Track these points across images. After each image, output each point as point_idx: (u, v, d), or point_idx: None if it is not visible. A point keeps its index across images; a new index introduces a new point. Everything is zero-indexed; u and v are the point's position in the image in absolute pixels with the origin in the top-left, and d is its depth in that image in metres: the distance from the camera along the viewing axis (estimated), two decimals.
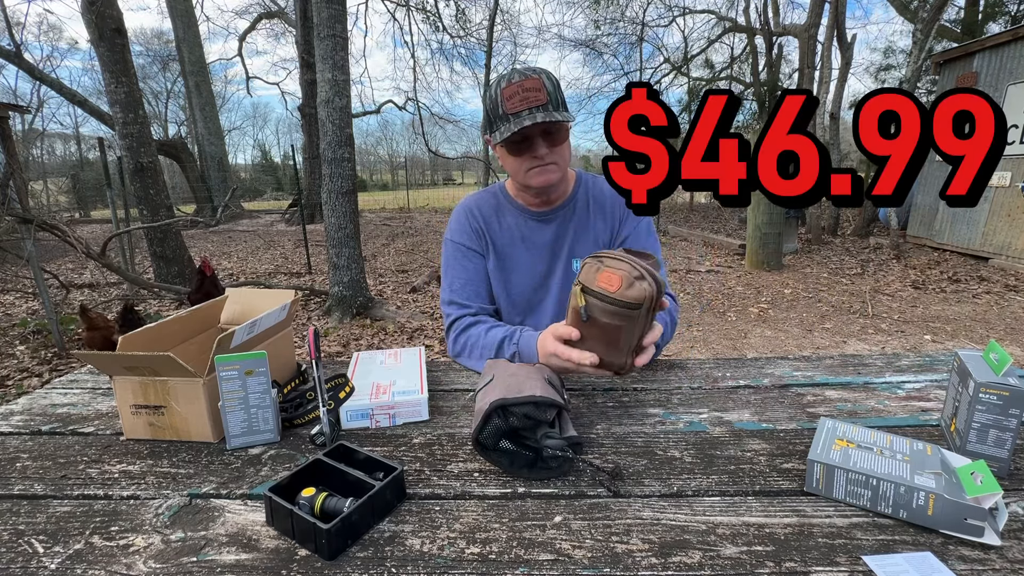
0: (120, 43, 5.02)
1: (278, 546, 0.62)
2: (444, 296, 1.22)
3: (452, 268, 1.22)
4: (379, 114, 18.45)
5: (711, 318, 4.52)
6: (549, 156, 1.07)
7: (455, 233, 1.23)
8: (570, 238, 1.20)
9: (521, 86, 1.01)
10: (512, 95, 1.01)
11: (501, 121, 1.04)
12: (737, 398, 0.98)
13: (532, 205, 1.20)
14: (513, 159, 1.09)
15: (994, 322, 4.23)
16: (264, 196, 24.67)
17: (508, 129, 1.01)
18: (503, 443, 0.75)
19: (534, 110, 1.00)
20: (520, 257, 1.21)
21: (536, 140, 1.05)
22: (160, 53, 22.60)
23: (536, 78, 1.02)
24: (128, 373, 0.85)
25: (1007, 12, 9.66)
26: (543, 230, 1.20)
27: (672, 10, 13.86)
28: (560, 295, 1.21)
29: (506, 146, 1.07)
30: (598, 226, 1.21)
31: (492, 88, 1.06)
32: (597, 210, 1.21)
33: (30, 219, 3.79)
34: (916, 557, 0.58)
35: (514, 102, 1.01)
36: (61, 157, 25.19)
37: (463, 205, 1.25)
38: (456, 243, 1.22)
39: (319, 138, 4.25)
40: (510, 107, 1.01)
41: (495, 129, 1.07)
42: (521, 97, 1.01)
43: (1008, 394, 0.69)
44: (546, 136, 1.05)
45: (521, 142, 1.06)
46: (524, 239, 1.20)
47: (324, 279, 5.96)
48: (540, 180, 1.09)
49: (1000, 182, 6.27)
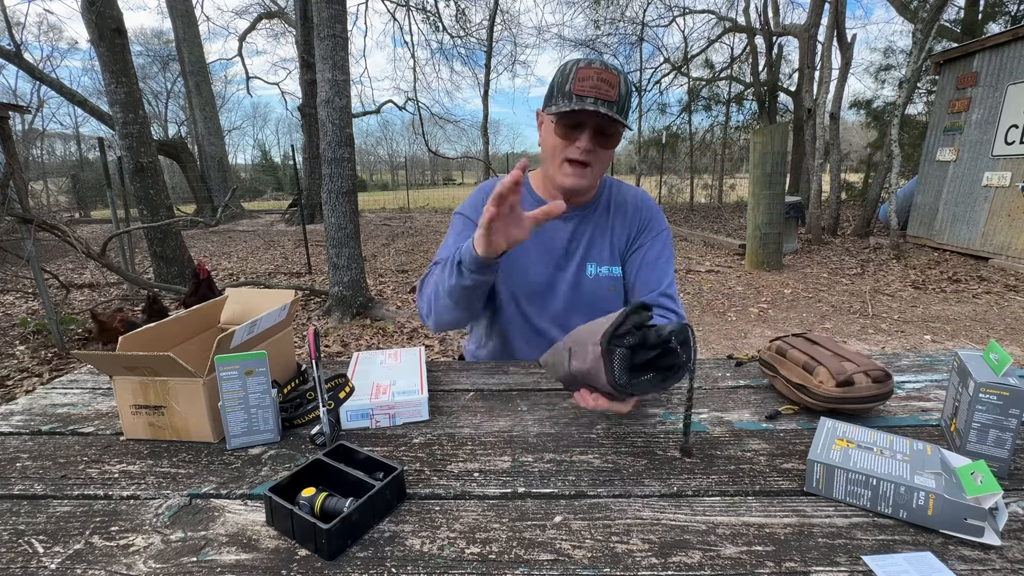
0: (120, 43, 5.02)
1: (278, 546, 0.62)
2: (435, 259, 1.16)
3: (450, 237, 1.17)
4: (379, 114, 18.46)
5: (711, 318, 4.52)
6: (590, 155, 1.03)
7: (467, 208, 1.19)
8: (586, 240, 1.17)
9: (599, 74, 0.97)
10: (587, 77, 0.97)
11: (564, 97, 1.00)
12: (737, 398, 0.98)
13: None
14: (556, 140, 1.04)
15: (994, 322, 4.23)
16: (264, 196, 24.69)
17: (567, 106, 0.97)
18: (633, 380, 0.74)
19: (600, 101, 0.97)
20: (531, 252, 1.17)
21: (588, 131, 1.01)
22: (160, 53, 22.61)
23: (615, 75, 0.99)
24: (128, 373, 0.85)
25: (1007, 12, 9.65)
26: (560, 229, 1.17)
27: (672, 10, 13.87)
28: (568, 297, 1.18)
29: (558, 123, 1.03)
30: (616, 229, 1.18)
31: (567, 65, 1.02)
32: (618, 214, 1.19)
33: (30, 219, 3.79)
34: (916, 557, 0.58)
35: (585, 85, 0.97)
36: (61, 157, 25.21)
37: (483, 186, 1.22)
38: (465, 216, 1.18)
39: (319, 138, 4.25)
40: (579, 88, 0.98)
41: (554, 102, 1.02)
42: (594, 84, 0.97)
43: (1008, 394, 0.69)
44: (598, 133, 1.02)
45: (575, 126, 1.01)
46: (539, 233, 1.16)
47: (324, 279, 5.96)
48: (571, 181, 1.05)
49: (1000, 182, 6.27)
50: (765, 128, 6.24)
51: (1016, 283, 5.35)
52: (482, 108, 11.93)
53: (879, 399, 0.85)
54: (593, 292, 1.17)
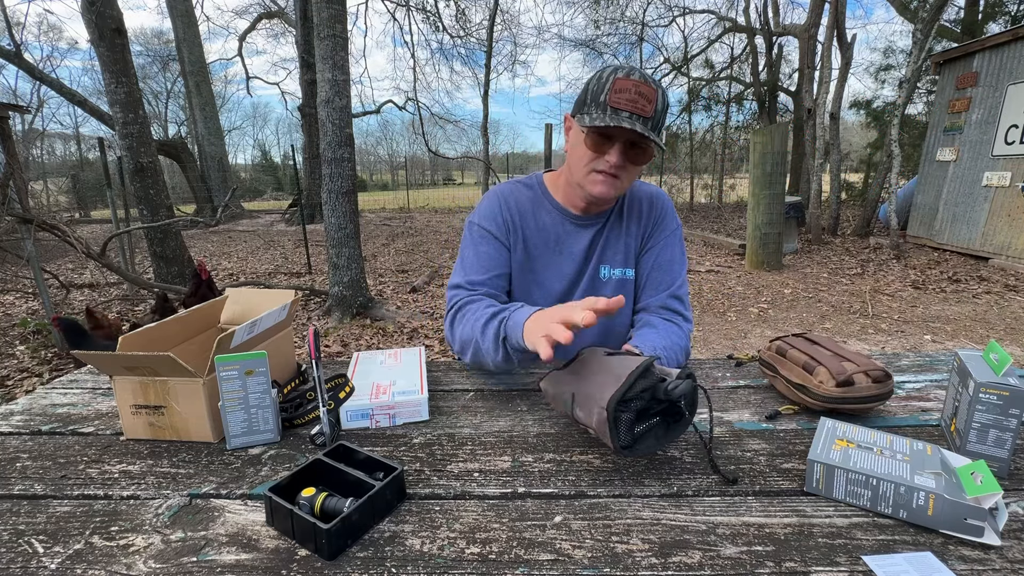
0: (120, 43, 5.01)
1: (278, 546, 0.62)
2: (453, 280, 1.13)
3: (469, 251, 1.14)
4: (379, 114, 18.42)
5: (711, 318, 4.52)
6: (620, 169, 1.00)
7: (483, 218, 1.14)
8: (602, 244, 1.15)
9: (638, 88, 0.93)
10: (624, 89, 0.93)
11: (598, 108, 0.96)
12: (737, 398, 0.98)
13: (575, 208, 1.13)
14: (585, 151, 1.01)
15: (994, 322, 4.23)
16: (264, 196, 24.67)
17: (602, 119, 0.94)
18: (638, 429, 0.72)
19: (635, 117, 0.94)
20: (551, 261, 1.15)
21: (620, 146, 0.98)
22: (160, 53, 22.60)
23: (654, 89, 0.95)
24: (128, 373, 0.85)
25: (1007, 12, 9.65)
26: (580, 235, 1.14)
27: (672, 10, 13.86)
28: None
29: (590, 134, 0.99)
30: (631, 231, 1.16)
31: (605, 72, 0.97)
32: (631, 215, 1.16)
33: (30, 219, 3.79)
34: (916, 557, 0.58)
35: (622, 97, 0.93)
36: (61, 157, 25.20)
37: (498, 191, 1.18)
38: (481, 227, 1.14)
39: (319, 138, 4.25)
40: (615, 100, 0.94)
41: (586, 111, 0.98)
42: (631, 97, 0.93)
43: (1008, 394, 0.69)
44: (631, 148, 0.99)
45: (608, 139, 0.98)
46: (559, 242, 1.14)
47: (324, 279, 5.95)
48: (600, 190, 1.02)
49: (1000, 182, 6.27)
50: (765, 128, 6.24)
51: (1016, 283, 5.35)
52: (482, 108, 11.92)
53: (879, 399, 0.85)
54: (605, 295, 1.17)
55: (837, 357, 0.90)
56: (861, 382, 0.85)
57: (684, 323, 1.13)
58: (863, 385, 0.85)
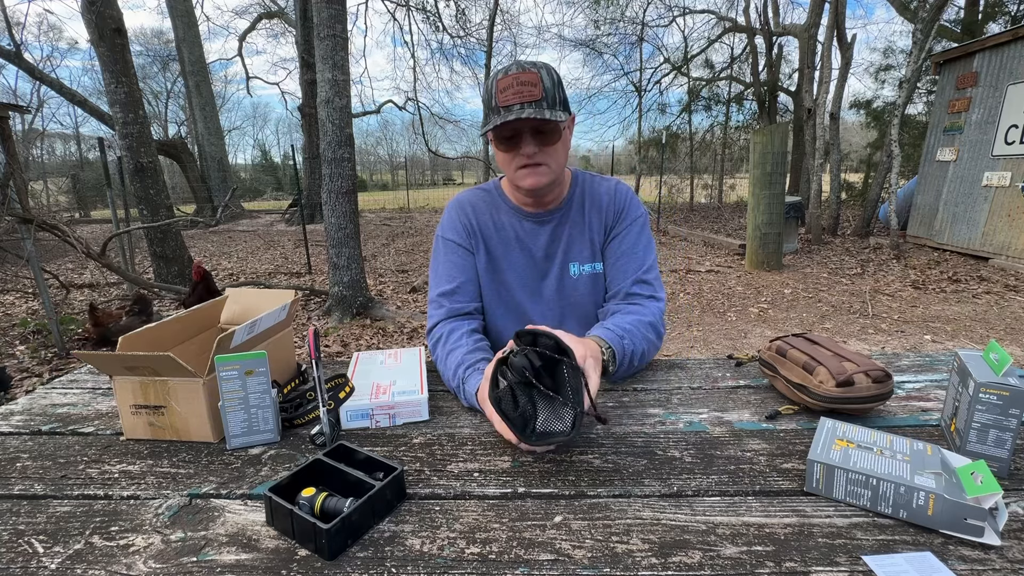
0: (120, 43, 5.02)
1: (278, 546, 0.62)
2: (430, 292, 1.18)
3: (439, 264, 1.18)
4: (379, 114, 18.45)
5: (711, 318, 4.52)
6: (539, 156, 1.02)
7: (446, 229, 1.19)
8: (565, 241, 1.16)
9: (517, 79, 0.96)
10: (506, 87, 0.97)
11: (493, 113, 0.99)
12: (737, 398, 0.98)
13: (526, 206, 1.16)
14: (502, 155, 1.05)
15: (994, 322, 4.23)
16: (264, 196, 24.67)
17: (495, 122, 0.97)
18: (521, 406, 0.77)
19: (526, 105, 0.96)
20: (514, 259, 1.17)
21: (525, 137, 1.00)
22: (160, 53, 22.59)
23: (534, 72, 0.97)
24: (128, 373, 0.85)
25: (1007, 12, 9.65)
26: (539, 232, 1.16)
27: (672, 10, 13.85)
28: (554, 301, 1.17)
29: (495, 140, 1.04)
30: (594, 226, 1.17)
31: (490, 80, 1.01)
32: (592, 209, 1.17)
33: (30, 219, 3.79)
34: (916, 557, 0.58)
35: (507, 95, 0.96)
36: (61, 157, 25.16)
37: (455, 201, 1.22)
38: (444, 239, 1.18)
39: (319, 138, 4.25)
40: (502, 100, 0.97)
41: (486, 121, 1.02)
42: (515, 90, 0.96)
43: (1008, 394, 0.69)
44: (537, 134, 1.01)
45: (510, 138, 1.01)
46: (519, 240, 1.16)
47: (324, 279, 5.95)
48: (529, 182, 1.05)
49: (1000, 182, 6.27)
50: (765, 128, 6.24)
51: (1016, 283, 5.35)
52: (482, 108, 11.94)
53: (879, 399, 0.85)
54: (578, 291, 1.17)
55: (837, 357, 0.90)
56: (861, 382, 0.85)
57: (650, 301, 1.12)
58: (863, 385, 0.85)
